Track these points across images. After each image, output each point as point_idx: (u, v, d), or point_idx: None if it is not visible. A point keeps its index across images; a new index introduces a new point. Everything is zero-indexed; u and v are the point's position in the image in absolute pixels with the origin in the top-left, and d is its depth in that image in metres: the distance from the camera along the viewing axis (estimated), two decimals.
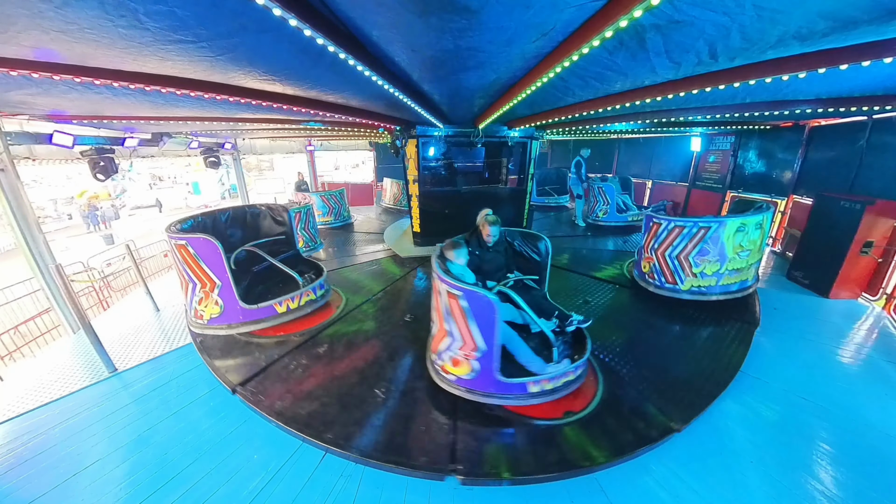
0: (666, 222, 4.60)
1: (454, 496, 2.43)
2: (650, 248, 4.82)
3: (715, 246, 4.30)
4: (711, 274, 4.42)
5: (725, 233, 4.25)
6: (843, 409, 3.06)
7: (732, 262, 4.36)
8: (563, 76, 2.88)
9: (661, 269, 4.70)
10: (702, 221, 4.35)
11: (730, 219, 4.28)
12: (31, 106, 4.31)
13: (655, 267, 4.78)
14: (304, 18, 1.78)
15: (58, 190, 22.62)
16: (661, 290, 4.71)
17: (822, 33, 2.13)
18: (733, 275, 4.45)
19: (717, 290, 4.50)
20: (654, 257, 4.76)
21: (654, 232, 4.73)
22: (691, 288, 4.51)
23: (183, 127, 6.80)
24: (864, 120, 5.75)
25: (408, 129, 6.19)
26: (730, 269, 4.40)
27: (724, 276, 4.42)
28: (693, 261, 4.40)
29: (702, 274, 4.42)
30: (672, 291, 4.63)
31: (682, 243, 4.47)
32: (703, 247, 4.34)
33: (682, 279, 4.54)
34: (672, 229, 4.52)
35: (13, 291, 7.51)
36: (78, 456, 2.82)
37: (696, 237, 4.36)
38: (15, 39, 2.17)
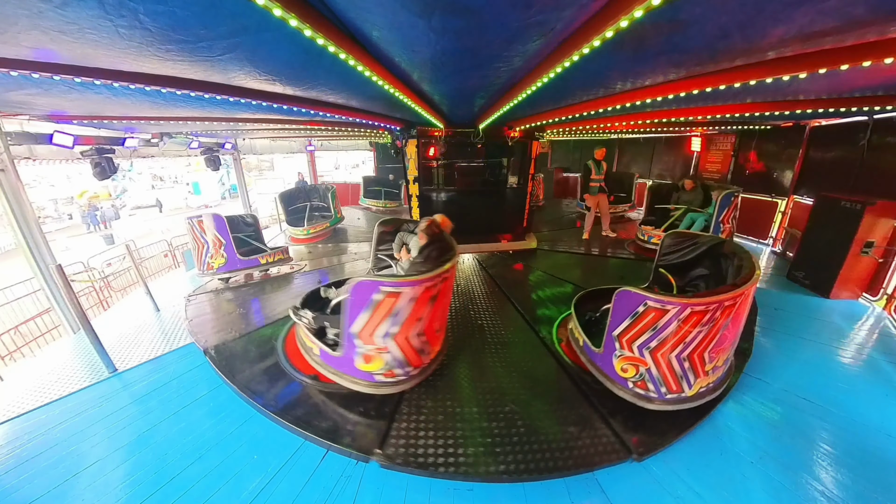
0: (676, 308, 2.59)
1: (454, 496, 2.43)
2: (637, 345, 2.82)
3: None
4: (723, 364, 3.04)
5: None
6: (844, 409, 3.05)
7: None
8: (564, 76, 2.88)
9: (662, 378, 2.82)
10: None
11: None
12: (31, 106, 4.30)
13: (650, 373, 2.84)
14: (304, 19, 1.78)
15: (58, 190, 22.65)
16: (660, 405, 2.92)
17: (823, 33, 2.13)
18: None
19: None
20: (648, 360, 2.81)
21: (651, 322, 2.69)
22: (698, 391, 2.92)
23: (183, 127, 6.80)
24: (865, 120, 5.74)
25: (408, 129, 6.19)
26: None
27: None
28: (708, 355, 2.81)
29: (715, 368, 2.93)
30: (673, 403, 2.92)
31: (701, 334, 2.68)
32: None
33: (690, 384, 2.85)
34: (688, 317, 2.60)
35: (13, 291, 7.51)
36: (78, 456, 2.82)
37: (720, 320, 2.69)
38: (15, 40, 2.16)
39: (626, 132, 9.63)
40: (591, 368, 3.24)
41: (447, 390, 3.23)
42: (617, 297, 2.87)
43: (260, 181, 28.05)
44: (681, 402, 2.91)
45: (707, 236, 3.63)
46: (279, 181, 25.81)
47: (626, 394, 2.97)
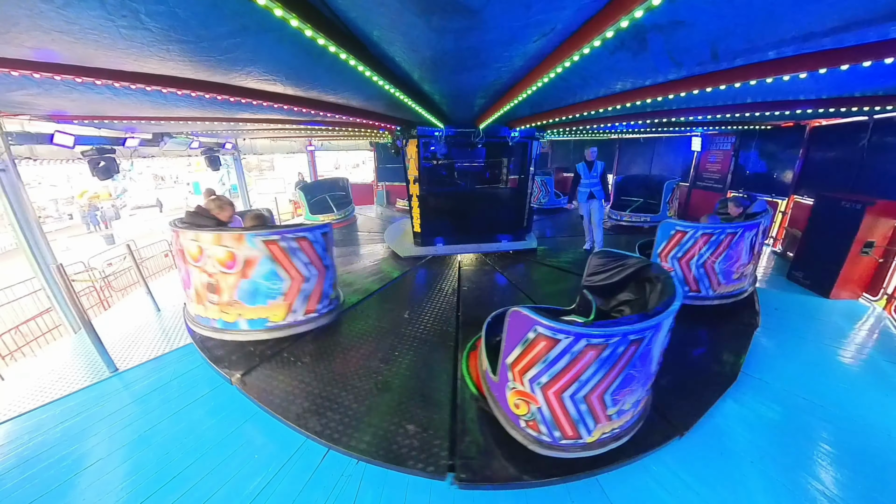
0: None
1: (454, 496, 2.44)
2: (529, 379, 2.68)
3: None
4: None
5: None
6: (844, 409, 3.06)
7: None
8: (564, 76, 2.88)
9: (555, 420, 2.53)
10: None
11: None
12: (32, 106, 4.31)
13: (541, 413, 2.65)
14: (305, 19, 1.79)
15: (59, 190, 22.66)
16: (554, 451, 2.64)
17: (824, 34, 2.13)
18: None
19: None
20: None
21: (542, 353, 2.60)
22: (599, 438, 2.64)
23: (184, 127, 6.80)
24: (865, 120, 5.75)
25: (408, 129, 6.20)
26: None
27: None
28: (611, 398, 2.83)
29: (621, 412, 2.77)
30: (568, 450, 2.65)
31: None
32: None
33: (589, 430, 2.52)
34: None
35: (14, 291, 7.52)
36: (79, 456, 2.82)
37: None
38: (17, 40, 2.17)
39: (627, 132, 9.63)
40: (489, 400, 2.81)
41: None
42: (510, 318, 2.45)
43: (260, 181, 28.04)
44: (578, 450, 2.49)
45: (635, 258, 3.17)
46: (280, 181, 25.82)
47: (518, 434, 2.55)
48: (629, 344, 2.19)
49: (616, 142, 11.97)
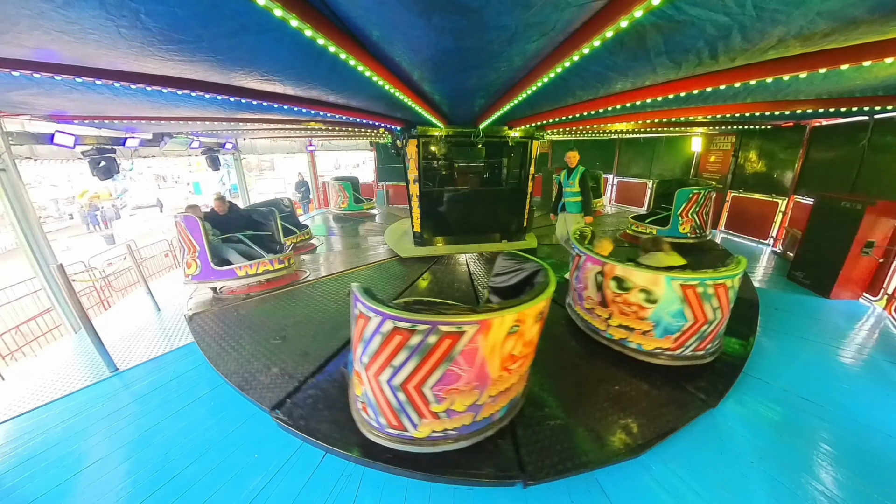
0: (378, 319, 2.50)
1: (454, 496, 2.43)
2: (359, 356, 2.70)
3: None
4: None
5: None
6: (844, 409, 3.05)
7: None
8: (564, 76, 2.88)
9: (377, 405, 2.61)
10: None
11: None
12: (32, 106, 4.32)
13: (367, 395, 2.74)
14: (304, 19, 1.79)
15: (59, 189, 22.67)
16: (382, 440, 2.81)
17: (823, 34, 2.13)
18: None
19: None
20: (364, 376, 2.96)
21: (361, 328, 2.58)
22: (430, 435, 2.58)
23: (184, 127, 6.81)
24: (865, 120, 5.75)
25: (408, 128, 6.20)
26: None
27: None
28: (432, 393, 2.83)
29: (451, 412, 2.62)
30: (396, 441, 2.75)
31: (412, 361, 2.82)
32: None
33: (414, 423, 2.48)
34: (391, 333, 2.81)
35: (14, 291, 7.52)
36: (79, 455, 2.83)
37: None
38: (17, 40, 2.17)
39: (627, 132, 9.63)
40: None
41: None
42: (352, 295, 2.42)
43: (260, 181, 28.05)
44: (406, 443, 2.45)
45: (534, 262, 2.94)
46: (280, 181, 25.83)
47: (355, 415, 2.56)
48: (442, 336, 2.13)
49: (616, 142, 11.97)
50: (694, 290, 3.13)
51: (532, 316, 2.38)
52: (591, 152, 12.96)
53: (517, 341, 2.35)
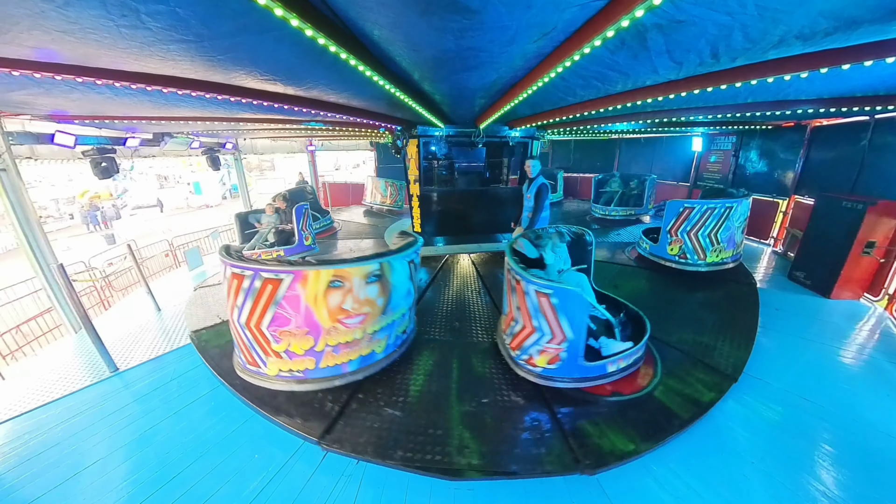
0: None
1: (455, 495, 2.43)
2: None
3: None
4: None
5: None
6: (845, 409, 3.05)
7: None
8: (565, 76, 2.88)
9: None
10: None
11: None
12: (33, 106, 4.32)
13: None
14: (305, 18, 1.78)
15: (60, 189, 22.67)
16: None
17: (825, 33, 2.13)
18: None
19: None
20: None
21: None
22: (278, 374, 3.12)
23: (184, 127, 6.81)
24: (867, 120, 5.74)
25: (409, 128, 6.20)
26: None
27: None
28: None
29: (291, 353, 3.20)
30: (253, 376, 3.25)
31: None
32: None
33: (263, 361, 3.07)
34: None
35: (15, 291, 7.52)
36: (79, 455, 2.83)
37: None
38: (17, 40, 2.17)
39: (627, 132, 9.63)
40: None
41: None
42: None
43: (261, 181, 28.05)
44: (261, 379, 3.08)
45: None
46: (280, 181, 25.83)
47: (234, 360, 3.43)
48: (264, 281, 2.73)
49: (616, 142, 11.96)
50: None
51: (359, 276, 2.89)
52: (592, 152, 12.96)
53: (345, 297, 2.87)
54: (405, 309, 3.40)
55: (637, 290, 5.15)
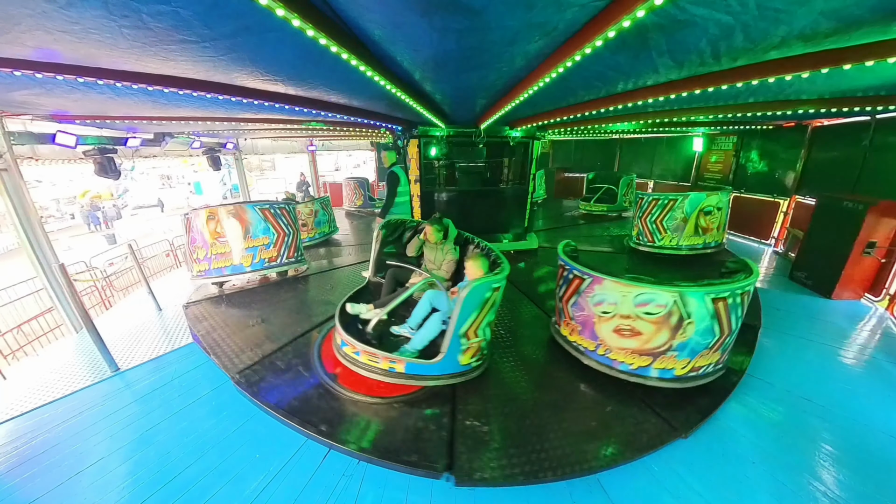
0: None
1: (455, 496, 2.43)
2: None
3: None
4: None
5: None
6: (846, 410, 3.05)
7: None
8: (566, 76, 2.87)
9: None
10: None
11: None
12: (34, 106, 4.32)
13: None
14: (306, 19, 1.78)
15: (60, 189, 22.70)
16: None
17: (826, 33, 2.12)
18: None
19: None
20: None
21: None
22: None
23: (185, 127, 6.82)
24: (868, 120, 5.73)
25: (409, 129, 6.19)
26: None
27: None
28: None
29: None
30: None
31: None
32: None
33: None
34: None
35: (16, 290, 7.53)
36: (80, 455, 2.83)
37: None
38: (19, 40, 2.18)
39: (628, 132, 9.63)
40: None
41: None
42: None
43: (261, 181, 28.06)
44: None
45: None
46: (281, 181, 25.86)
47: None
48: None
49: (617, 142, 11.96)
50: None
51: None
52: (593, 152, 12.96)
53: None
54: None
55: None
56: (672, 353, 2.90)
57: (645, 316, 2.86)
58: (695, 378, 3.02)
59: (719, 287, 2.77)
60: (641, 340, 2.94)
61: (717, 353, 2.99)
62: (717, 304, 2.77)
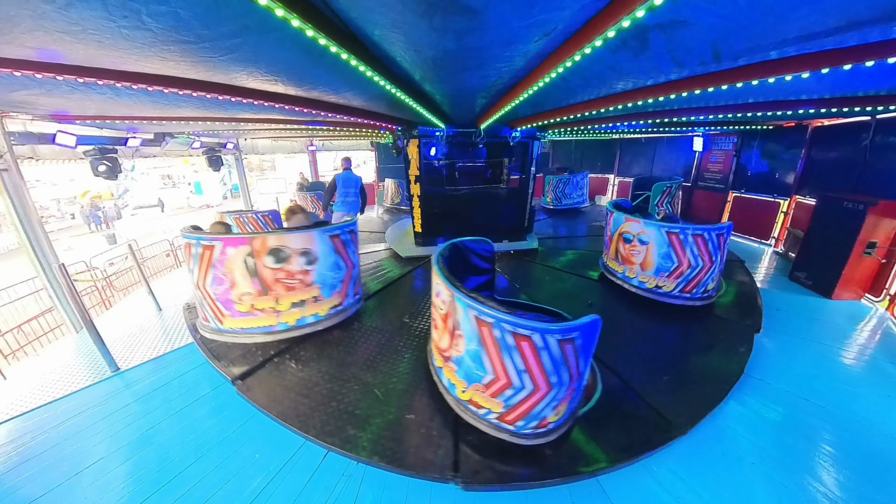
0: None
1: (455, 497, 2.43)
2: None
3: None
4: None
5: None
6: (846, 410, 3.05)
7: None
8: (566, 76, 2.88)
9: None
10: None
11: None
12: (34, 106, 4.32)
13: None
14: (306, 19, 1.79)
15: (61, 189, 22.72)
16: None
17: (826, 33, 2.12)
18: None
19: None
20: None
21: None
22: None
23: (185, 127, 6.81)
24: (868, 120, 5.73)
25: (409, 129, 6.19)
26: None
27: None
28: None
29: None
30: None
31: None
32: None
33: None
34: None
35: (16, 290, 7.54)
36: (80, 455, 2.83)
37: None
38: (19, 40, 2.18)
39: (628, 132, 9.61)
40: None
41: None
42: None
43: (261, 181, 28.09)
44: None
45: None
46: (281, 181, 25.88)
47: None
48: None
49: (617, 142, 11.96)
50: None
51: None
52: (592, 152, 12.96)
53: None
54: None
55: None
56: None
57: None
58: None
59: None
60: None
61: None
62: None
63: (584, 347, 2.30)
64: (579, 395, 2.69)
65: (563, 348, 2.22)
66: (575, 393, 2.52)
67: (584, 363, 2.38)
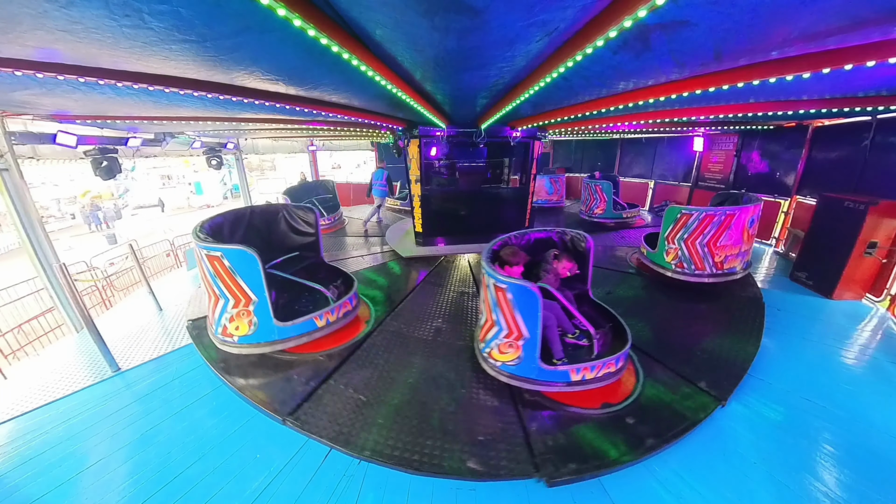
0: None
1: (456, 496, 2.43)
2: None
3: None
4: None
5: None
6: (847, 410, 3.04)
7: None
8: (567, 76, 2.87)
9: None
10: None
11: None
12: (35, 106, 4.32)
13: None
14: (307, 18, 1.78)
15: (61, 189, 22.73)
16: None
17: (827, 33, 2.12)
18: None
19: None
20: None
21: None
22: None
23: (186, 127, 6.81)
24: (868, 120, 5.73)
25: (410, 128, 6.19)
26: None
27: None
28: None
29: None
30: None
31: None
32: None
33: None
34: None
35: (17, 290, 7.54)
36: (81, 455, 2.83)
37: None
38: (20, 39, 2.17)
39: (628, 132, 9.61)
40: None
41: None
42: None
43: (262, 181, 28.12)
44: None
45: None
46: (281, 181, 25.88)
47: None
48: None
49: (618, 142, 11.95)
50: None
51: None
52: (593, 152, 12.95)
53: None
54: None
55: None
56: None
57: None
58: None
59: None
60: None
61: None
62: None
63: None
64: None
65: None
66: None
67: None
